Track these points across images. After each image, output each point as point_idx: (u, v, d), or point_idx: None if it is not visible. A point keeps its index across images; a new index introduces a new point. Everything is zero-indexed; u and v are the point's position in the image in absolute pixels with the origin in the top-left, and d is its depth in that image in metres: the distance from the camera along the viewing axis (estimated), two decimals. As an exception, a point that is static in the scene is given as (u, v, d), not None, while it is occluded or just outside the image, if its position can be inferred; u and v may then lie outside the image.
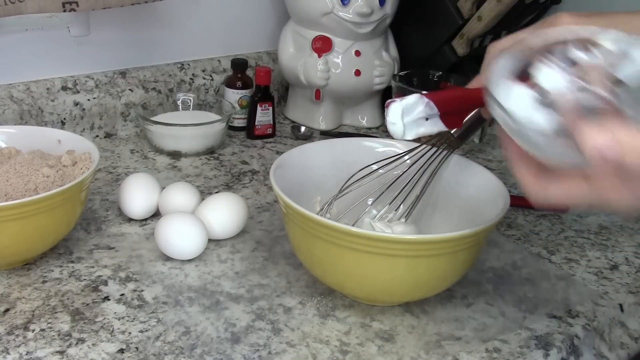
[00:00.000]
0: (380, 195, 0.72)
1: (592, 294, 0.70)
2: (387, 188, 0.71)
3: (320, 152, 0.74)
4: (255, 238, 0.76)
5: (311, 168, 0.72)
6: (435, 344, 0.61)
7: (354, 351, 0.60)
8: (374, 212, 0.74)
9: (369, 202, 0.73)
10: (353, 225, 0.68)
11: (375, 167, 0.72)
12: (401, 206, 0.72)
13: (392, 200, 0.72)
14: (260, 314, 0.64)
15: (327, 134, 1.07)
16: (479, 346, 0.61)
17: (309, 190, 0.71)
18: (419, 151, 0.72)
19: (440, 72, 1.06)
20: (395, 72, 1.07)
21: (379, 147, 0.75)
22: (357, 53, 1.04)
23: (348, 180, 0.70)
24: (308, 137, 1.05)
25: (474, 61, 1.12)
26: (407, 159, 0.73)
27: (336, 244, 0.59)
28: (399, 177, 0.72)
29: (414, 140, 0.73)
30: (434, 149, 0.71)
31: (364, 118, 1.11)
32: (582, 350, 0.64)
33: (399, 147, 0.74)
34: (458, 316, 0.65)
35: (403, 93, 0.99)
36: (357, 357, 0.59)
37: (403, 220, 0.73)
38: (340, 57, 1.03)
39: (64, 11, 0.84)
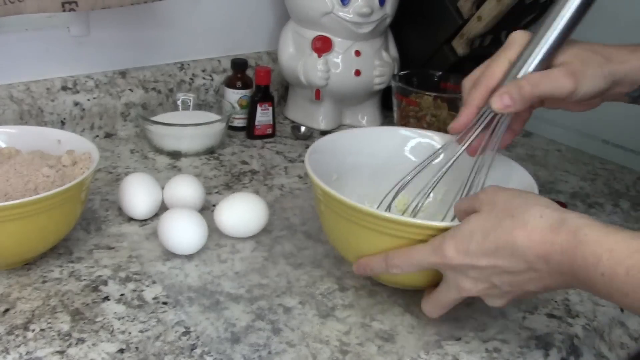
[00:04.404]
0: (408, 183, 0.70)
1: (592, 294, 0.70)
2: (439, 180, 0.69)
3: (355, 139, 0.75)
4: (255, 238, 0.76)
5: (345, 155, 0.73)
6: (435, 344, 0.61)
7: (354, 351, 0.60)
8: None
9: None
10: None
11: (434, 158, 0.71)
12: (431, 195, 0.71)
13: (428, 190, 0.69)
14: (260, 314, 0.64)
15: (327, 134, 1.07)
16: (479, 346, 0.61)
17: (341, 177, 0.72)
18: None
19: (440, 72, 1.06)
20: (395, 72, 1.07)
21: (414, 137, 0.75)
22: (357, 53, 1.04)
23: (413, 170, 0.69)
24: (308, 137, 1.05)
25: (474, 61, 1.12)
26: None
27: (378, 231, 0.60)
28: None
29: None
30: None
31: (364, 118, 1.11)
32: (582, 350, 0.64)
33: (435, 140, 0.74)
34: (458, 316, 0.65)
35: (403, 93, 1.00)
36: (357, 357, 0.59)
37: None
38: (340, 57, 1.03)
39: (64, 11, 0.84)
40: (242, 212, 0.75)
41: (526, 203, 0.53)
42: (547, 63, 0.62)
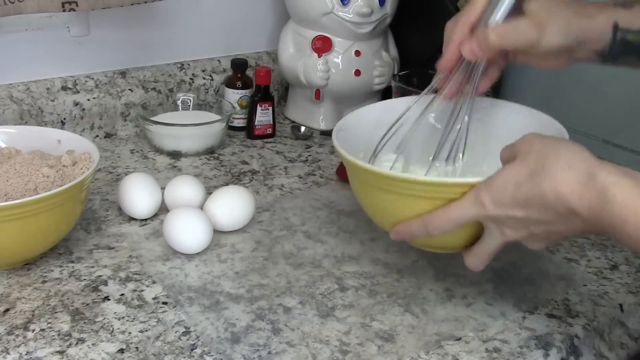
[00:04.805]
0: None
1: (592, 294, 0.70)
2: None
3: (370, 115, 0.76)
4: (255, 238, 0.76)
5: (364, 132, 0.75)
6: (435, 344, 0.61)
7: (354, 351, 0.60)
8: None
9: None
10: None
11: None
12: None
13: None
14: (260, 314, 0.64)
15: (327, 134, 1.07)
16: (479, 346, 0.61)
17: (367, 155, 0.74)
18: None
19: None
20: (395, 72, 1.07)
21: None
22: (357, 53, 1.04)
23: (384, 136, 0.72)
24: (308, 137, 1.05)
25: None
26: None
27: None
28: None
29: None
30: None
31: (364, 118, 1.11)
32: (582, 350, 0.64)
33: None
34: (458, 316, 0.65)
35: (403, 93, 1.00)
36: (357, 357, 0.59)
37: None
38: (340, 57, 1.03)
39: (64, 11, 0.84)
40: (229, 205, 0.76)
41: (556, 153, 0.53)
42: (517, 5, 0.65)
